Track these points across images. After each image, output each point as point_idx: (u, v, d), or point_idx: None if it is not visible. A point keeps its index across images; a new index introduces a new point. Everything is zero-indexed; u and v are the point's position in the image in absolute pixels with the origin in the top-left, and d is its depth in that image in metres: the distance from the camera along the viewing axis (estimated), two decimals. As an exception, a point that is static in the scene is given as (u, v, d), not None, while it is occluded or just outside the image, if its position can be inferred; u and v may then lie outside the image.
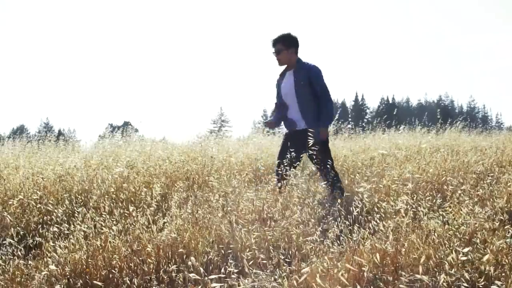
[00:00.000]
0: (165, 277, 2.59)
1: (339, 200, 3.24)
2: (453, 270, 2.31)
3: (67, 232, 3.11)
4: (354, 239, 2.69)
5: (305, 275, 2.24)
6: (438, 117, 9.39)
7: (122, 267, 2.68)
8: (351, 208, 2.96)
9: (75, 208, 3.56)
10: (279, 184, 3.68)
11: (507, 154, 5.35)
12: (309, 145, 3.82)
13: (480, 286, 2.29)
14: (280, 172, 3.80)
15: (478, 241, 2.63)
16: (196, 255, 2.77)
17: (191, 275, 2.15)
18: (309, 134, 3.84)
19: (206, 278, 2.27)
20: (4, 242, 3.16)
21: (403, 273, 2.33)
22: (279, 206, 3.24)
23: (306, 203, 3.30)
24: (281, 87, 4.23)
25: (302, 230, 2.93)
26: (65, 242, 2.95)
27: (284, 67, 4.26)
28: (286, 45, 4.13)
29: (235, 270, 2.40)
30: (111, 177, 4.16)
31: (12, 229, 3.30)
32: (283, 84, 4.22)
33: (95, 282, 2.59)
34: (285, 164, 3.77)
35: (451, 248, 2.53)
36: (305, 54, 4.30)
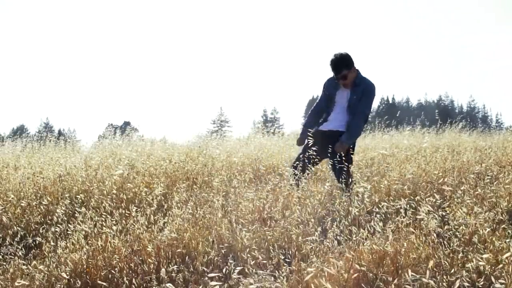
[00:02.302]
0: (166, 277, 2.59)
1: (338, 200, 3.24)
2: (452, 270, 2.32)
3: (67, 232, 3.12)
4: (354, 239, 2.69)
5: (309, 275, 2.24)
6: (437, 118, 9.39)
7: (122, 267, 2.68)
8: (352, 208, 2.96)
9: (75, 208, 3.56)
10: (297, 178, 3.68)
11: (507, 154, 5.35)
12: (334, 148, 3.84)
13: (480, 286, 2.29)
14: (298, 167, 3.79)
15: (478, 241, 2.64)
16: (197, 255, 2.77)
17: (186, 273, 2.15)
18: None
19: (206, 278, 2.27)
20: (4, 242, 3.16)
21: (403, 273, 2.33)
22: (279, 206, 3.24)
23: (306, 203, 3.30)
24: (337, 94, 4.09)
25: (302, 230, 2.93)
26: (65, 242, 2.95)
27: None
28: (349, 66, 4.00)
29: (235, 270, 2.40)
30: (112, 177, 4.16)
31: (13, 229, 3.30)
32: (339, 93, 4.09)
33: (95, 282, 2.59)
34: (306, 161, 3.78)
35: (451, 248, 2.53)
36: (304, 54, 4.29)
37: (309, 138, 3.96)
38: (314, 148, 3.84)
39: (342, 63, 3.99)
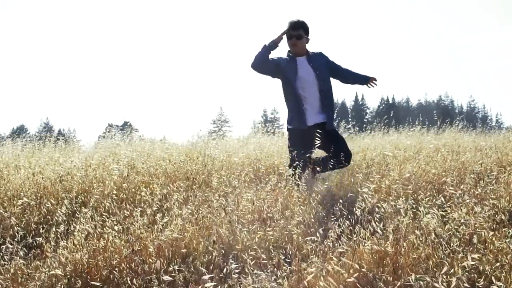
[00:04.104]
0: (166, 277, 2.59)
1: (341, 200, 3.24)
2: (452, 270, 2.32)
3: (68, 232, 3.12)
4: (354, 239, 2.69)
5: (310, 276, 2.24)
6: (436, 118, 9.43)
7: (123, 268, 2.68)
8: (352, 208, 2.96)
9: (75, 208, 3.56)
10: (295, 177, 3.66)
11: (507, 154, 5.35)
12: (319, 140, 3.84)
13: (480, 286, 2.29)
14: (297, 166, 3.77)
15: (477, 241, 2.64)
16: (197, 255, 2.77)
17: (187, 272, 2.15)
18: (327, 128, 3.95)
19: (206, 278, 2.27)
20: (4, 242, 3.16)
21: (403, 273, 2.33)
22: (279, 206, 3.24)
23: (306, 203, 3.30)
24: (299, 72, 4.07)
25: (302, 230, 2.93)
26: (65, 242, 2.95)
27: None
28: (306, 32, 4.13)
29: (236, 270, 2.40)
30: (112, 177, 4.16)
31: (13, 229, 3.30)
32: (301, 70, 4.09)
33: (95, 282, 2.59)
34: (302, 160, 3.78)
35: (451, 248, 2.53)
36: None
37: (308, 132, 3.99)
38: (314, 144, 3.87)
39: (302, 24, 4.12)
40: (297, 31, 4.07)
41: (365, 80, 4.33)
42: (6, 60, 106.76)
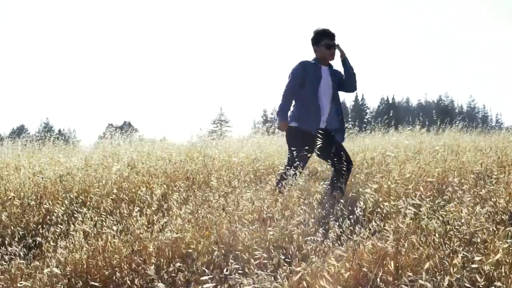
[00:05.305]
0: (166, 277, 2.59)
1: (342, 200, 3.23)
2: (453, 270, 2.31)
3: (67, 232, 3.11)
4: (355, 239, 2.69)
5: (298, 275, 2.24)
6: (435, 118, 9.45)
7: (123, 267, 2.68)
8: (353, 208, 2.95)
9: (75, 208, 3.56)
10: (283, 183, 3.63)
11: (507, 154, 5.34)
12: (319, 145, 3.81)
13: (480, 286, 2.29)
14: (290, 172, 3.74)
15: (478, 241, 2.64)
16: (198, 255, 2.77)
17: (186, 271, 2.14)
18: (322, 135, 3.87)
19: (206, 277, 2.27)
20: (4, 242, 3.16)
21: (403, 273, 2.33)
22: (279, 206, 3.24)
23: (306, 203, 3.30)
24: (321, 81, 4.02)
25: (302, 230, 2.92)
26: (65, 242, 2.95)
27: (306, 57, 4.16)
28: None
29: (240, 271, 2.40)
30: (111, 177, 4.16)
31: (12, 228, 3.30)
32: (323, 79, 4.04)
33: (95, 282, 2.59)
34: (296, 164, 3.75)
35: (451, 248, 2.53)
36: (304, 54, 4.30)
37: (315, 137, 3.92)
38: (317, 147, 3.84)
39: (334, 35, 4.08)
40: (334, 41, 4.06)
41: (345, 64, 4.15)
42: (6, 60, 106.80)
